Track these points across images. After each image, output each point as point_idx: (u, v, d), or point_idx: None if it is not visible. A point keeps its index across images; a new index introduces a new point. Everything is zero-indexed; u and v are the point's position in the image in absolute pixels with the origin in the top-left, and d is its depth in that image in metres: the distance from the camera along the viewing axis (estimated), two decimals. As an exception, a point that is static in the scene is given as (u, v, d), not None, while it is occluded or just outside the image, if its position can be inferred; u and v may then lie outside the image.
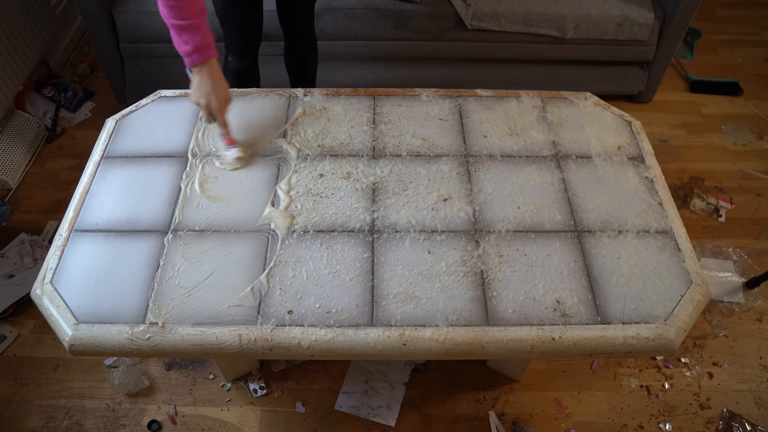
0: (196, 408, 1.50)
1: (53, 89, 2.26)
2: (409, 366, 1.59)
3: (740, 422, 1.51)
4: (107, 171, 1.27)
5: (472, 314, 1.05)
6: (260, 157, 1.30)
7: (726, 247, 1.88)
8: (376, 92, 1.46)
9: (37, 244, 1.82)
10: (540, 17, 2.06)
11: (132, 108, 1.41)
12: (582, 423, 1.50)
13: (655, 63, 2.24)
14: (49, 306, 1.04)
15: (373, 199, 1.23)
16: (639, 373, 1.60)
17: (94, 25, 2.01)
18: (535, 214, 1.21)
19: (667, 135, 2.29)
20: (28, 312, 1.68)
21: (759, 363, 1.63)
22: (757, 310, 1.74)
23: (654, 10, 2.09)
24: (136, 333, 1.01)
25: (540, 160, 1.32)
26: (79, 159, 2.10)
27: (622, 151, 1.35)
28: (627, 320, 1.05)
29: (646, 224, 1.20)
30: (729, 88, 2.46)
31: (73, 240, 1.14)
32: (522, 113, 1.42)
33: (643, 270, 1.12)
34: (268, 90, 1.46)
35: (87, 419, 1.48)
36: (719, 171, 2.15)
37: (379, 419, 1.48)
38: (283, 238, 1.15)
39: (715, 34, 2.76)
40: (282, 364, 1.58)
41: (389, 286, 1.08)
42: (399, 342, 1.02)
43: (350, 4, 2.04)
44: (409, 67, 2.23)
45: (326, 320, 1.04)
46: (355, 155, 1.31)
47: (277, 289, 1.07)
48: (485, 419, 1.50)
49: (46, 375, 1.56)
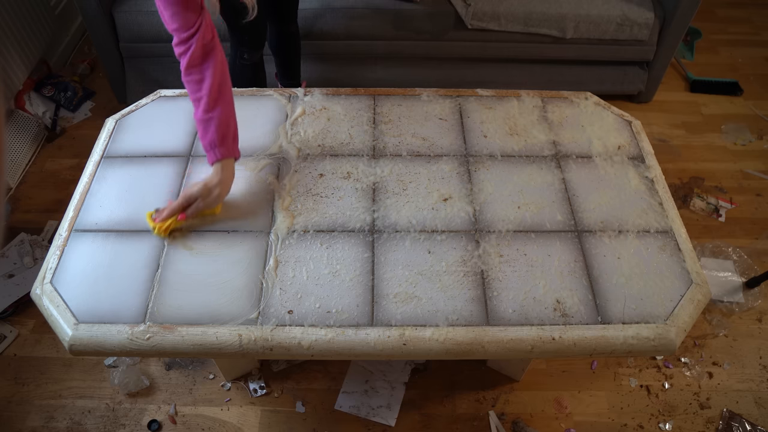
0: (196, 408, 1.50)
1: (53, 89, 2.26)
2: (409, 366, 1.59)
3: (740, 422, 1.51)
4: (107, 171, 1.27)
5: (473, 314, 1.05)
6: (260, 156, 1.30)
7: (726, 247, 1.88)
8: (376, 92, 1.46)
9: (37, 244, 1.81)
10: (540, 17, 2.06)
11: (132, 108, 1.40)
12: (582, 423, 1.50)
13: (655, 63, 2.24)
14: (49, 306, 1.04)
15: (373, 198, 1.23)
16: (639, 372, 1.60)
17: (94, 25, 2.01)
18: (536, 214, 1.21)
19: (667, 135, 2.29)
20: (28, 312, 1.68)
21: (759, 363, 1.63)
22: (757, 310, 1.74)
23: (654, 10, 2.09)
24: (136, 333, 1.01)
25: (540, 160, 1.32)
26: (79, 159, 2.10)
27: (622, 150, 1.35)
28: (627, 320, 1.05)
29: (647, 224, 1.20)
30: (729, 88, 2.46)
31: (72, 240, 1.14)
32: (522, 113, 1.42)
33: (643, 270, 1.12)
34: (269, 90, 1.46)
35: (87, 419, 1.47)
36: (719, 171, 2.15)
37: (379, 419, 1.48)
38: (283, 238, 1.15)
39: (715, 34, 2.76)
40: (282, 364, 1.58)
41: (389, 285, 1.08)
42: (399, 342, 1.02)
43: (350, 4, 2.04)
44: (409, 67, 2.23)
45: (326, 320, 1.04)
46: (355, 155, 1.31)
47: (277, 289, 1.07)
48: (485, 419, 1.50)
49: (46, 375, 1.55)
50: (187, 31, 1.09)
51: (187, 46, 1.10)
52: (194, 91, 1.14)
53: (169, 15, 1.09)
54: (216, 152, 1.15)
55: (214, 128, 1.14)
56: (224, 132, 1.15)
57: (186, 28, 1.09)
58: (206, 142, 1.15)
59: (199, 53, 1.11)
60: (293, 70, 1.98)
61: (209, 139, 1.15)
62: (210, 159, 1.16)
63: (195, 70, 1.12)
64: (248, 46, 1.68)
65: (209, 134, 1.14)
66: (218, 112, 1.14)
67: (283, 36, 1.86)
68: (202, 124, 1.15)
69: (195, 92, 1.14)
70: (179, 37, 1.10)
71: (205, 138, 1.15)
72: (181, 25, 1.09)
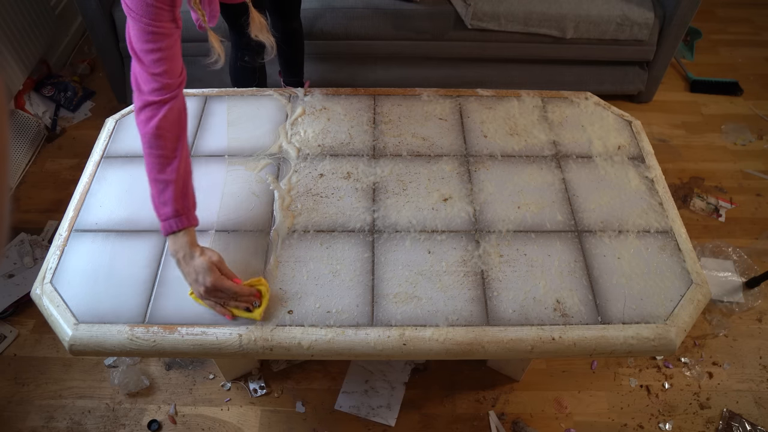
0: (196, 408, 1.50)
1: (53, 89, 2.26)
2: (409, 366, 1.58)
3: (740, 422, 1.50)
4: (107, 171, 1.27)
5: (473, 314, 1.05)
6: (260, 156, 1.30)
7: (726, 247, 1.88)
8: (376, 92, 1.46)
9: (37, 244, 1.81)
10: (540, 17, 2.06)
11: (132, 107, 1.41)
12: (582, 423, 1.50)
13: (655, 63, 2.24)
14: (49, 306, 1.04)
15: (373, 198, 1.22)
16: (639, 372, 1.60)
17: (94, 25, 2.01)
18: (536, 214, 1.21)
19: (667, 135, 2.29)
20: (28, 312, 1.68)
21: (759, 363, 1.63)
22: (757, 310, 1.74)
23: (654, 10, 2.09)
24: (136, 333, 1.01)
25: (540, 160, 1.32)
26: (79, 158, 2.10)
27: (622, 151, 1.35)
28: (627, 320, 1.05)
29: (647, 224, 1.20)
30: (729, 88, 2.46)
31: (73, 240, 1.14)
32: (522, 113, 1.42)
33: (643, 270, 1.12)
34: (269, 90, 1.46)
35: (87, 419, 1.47)
36: (719, 171, 2.15)
37: (379, 419, 1.48)
38: (283, 238, 1.15)
39: (715, 34, 2.76)
40: (282, 364, 1.58)
41: (389, 286, 1.08)
42: (399, 342, 1.02)
43: (350, 4, 2.04)
44: (409, 67, 2.23)
45: (326, 320, 1.03)
46: (355, 155, 1.31)
47: (277, 289, 1.07)
48: (485, 419, 1.50)
49: (46, 375, 1.55)
50: (172, 79, 0.98)
51: (171, 96, 0.99)
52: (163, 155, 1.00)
53: (153, 58, 0.95)
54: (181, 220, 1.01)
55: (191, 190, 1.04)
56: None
57: (175, 74, 0.99)
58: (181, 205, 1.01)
59: (182, 106, 1.02)
60: (296, 67, 1.97)
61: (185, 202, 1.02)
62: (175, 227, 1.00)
63: (171, 128, 1.00)
64: (251, 50, 1.66)
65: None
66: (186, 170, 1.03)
67: (286, 32, 1.85)
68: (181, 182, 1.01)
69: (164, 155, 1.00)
70: (161, 83, 0.97)
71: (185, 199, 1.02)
72: (167, 69, 0.97)
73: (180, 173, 1.00)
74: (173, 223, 0.99)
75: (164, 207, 1.00)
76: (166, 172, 0.99)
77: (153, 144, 0.99)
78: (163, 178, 0.99)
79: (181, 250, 1.00)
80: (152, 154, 0.99)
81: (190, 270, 1.00)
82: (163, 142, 0.99)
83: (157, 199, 1.00)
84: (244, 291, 1.02)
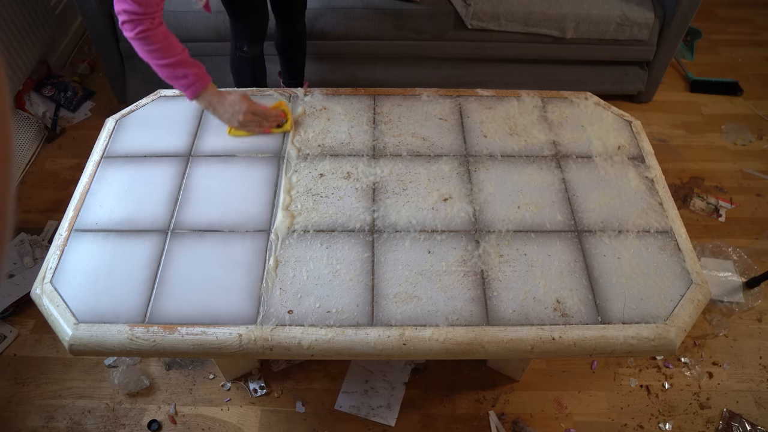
0: (196, 408, 1.50)
1: (53, 89, 2.26)
2: (409, 366, 1.58)
3: (740, 422, 1.50)
4: (107, 171, 1.27)
5: (473, 314, 1.05)
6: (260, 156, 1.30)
7: (726, 247, 1.88)
8: (376, 92, 1.46)
9: (37, 244, 1.81)
10: (540, 17, 2.06)
11: (132, 108, 1.41)
12: (582, 423, 1.50)
13: (655, 63, 2.24)
14: (49, 306, 1.04)
15: (373, 198, 1.22)
16: (639, 372, 1.60)
17: (94, 24, 2.01)
18: (536, 214, 1.21)
19: (667, 135, 2.29)
20: (28, 311, 1.68)
21: (759, 363, 1.63)
22: (757, 310, 1.74)
23: (654, 10, 2.09)
24: (136, 333, 1.01)
25: (540, 160, 1.32)
26: (79, 159, 2.10)
27: (622, 151, 1.35)
28: (627, 320, 1.05)
29: (647, 224, 1.20)
30: (729, 88, 2.46)
31: (73, 240, 1.14)
32: (522, 113, 1.42)
33: (643, 270, 1.12)
34: (269, 90, 1.46)
35: (87, 419, 1.47)
36: (719, 171, 2.15)
37: (379, 419, 1.48)
38: (283, 238, 1.15)
39: (715, 34, 2.76)
40: (282, 363, 1.58)
41: (389, 285, 1.08)
42: (399, 342, 1.02)
43: (350, 4, 2.04)
44: (409, 67, 2.23)
45: (326, 320, 1.03)
46: (355, 155, 1.31)
47: (277, 288, 1.07)
48: (485, 419, 1.50)
49: (46, 375, 1.55)
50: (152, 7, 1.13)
51: (152, 20, 1.13)
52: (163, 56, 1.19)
53: None
54: (197, 86, 1.23)
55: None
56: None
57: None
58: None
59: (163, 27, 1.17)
60: (298, 70, 1.98)
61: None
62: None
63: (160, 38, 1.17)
64: (248, 39, 1.68)
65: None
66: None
67: (290, 36, 1.85)
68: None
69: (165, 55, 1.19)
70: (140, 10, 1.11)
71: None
72: None
73: (180, 50, 1.18)
74: (197, 86, 1.21)
75: (183, 78, 1.19)
76: (168, 56, 1.17)
77: (146, 42, 1.14)
78: (169, 61, 1.17)
79: (213, 99, 1.24)
80: (149, 50, 1.16)
81: (227, 107, 1.24)
82: (153, 38, 1.14)
83: (172, 76, 1.19)
84: (272, 111, 1.31)
